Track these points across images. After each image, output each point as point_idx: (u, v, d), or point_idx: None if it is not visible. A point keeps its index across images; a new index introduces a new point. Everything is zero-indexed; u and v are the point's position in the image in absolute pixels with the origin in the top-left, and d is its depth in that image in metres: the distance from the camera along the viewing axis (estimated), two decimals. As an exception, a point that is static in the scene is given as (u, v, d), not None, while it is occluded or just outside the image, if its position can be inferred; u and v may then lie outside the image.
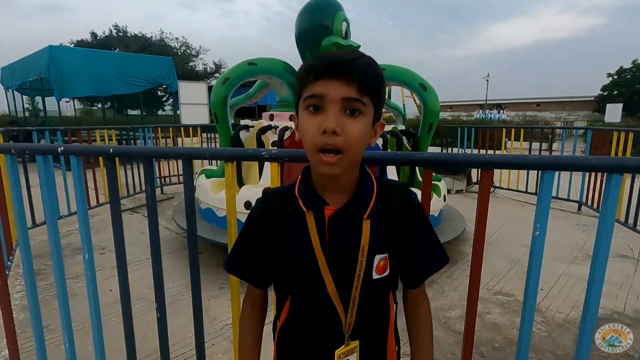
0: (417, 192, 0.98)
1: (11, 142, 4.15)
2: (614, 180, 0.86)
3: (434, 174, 1.12)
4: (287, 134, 3.21)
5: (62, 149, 1.24)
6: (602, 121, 17.53)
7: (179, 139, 6.55)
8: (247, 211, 1.10)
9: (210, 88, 6.01)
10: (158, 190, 5.79)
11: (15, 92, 11.42)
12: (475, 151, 6.57)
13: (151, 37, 29.51)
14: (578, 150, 5.58)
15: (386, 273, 0.74)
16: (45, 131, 4.68)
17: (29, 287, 1.41)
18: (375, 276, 0.72)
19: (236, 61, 3.47)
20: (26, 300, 1.54)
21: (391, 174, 3.35)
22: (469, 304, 1.06)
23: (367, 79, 0.62)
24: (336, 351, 0.73)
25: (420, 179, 3.46)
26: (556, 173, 0.96)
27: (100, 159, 4.31)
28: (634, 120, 21.42)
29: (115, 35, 28.34)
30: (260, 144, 3.31)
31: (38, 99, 10.93)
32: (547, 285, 2.77)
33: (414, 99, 8.59)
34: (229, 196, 1.24)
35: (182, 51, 30.78)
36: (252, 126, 3.69)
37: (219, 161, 4.92)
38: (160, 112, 20.72)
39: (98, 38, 27.88)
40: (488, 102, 34.60)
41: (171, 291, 2.59)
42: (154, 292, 1.26)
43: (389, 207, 0.73)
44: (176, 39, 31.42)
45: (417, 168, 3.48)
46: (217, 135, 3.86)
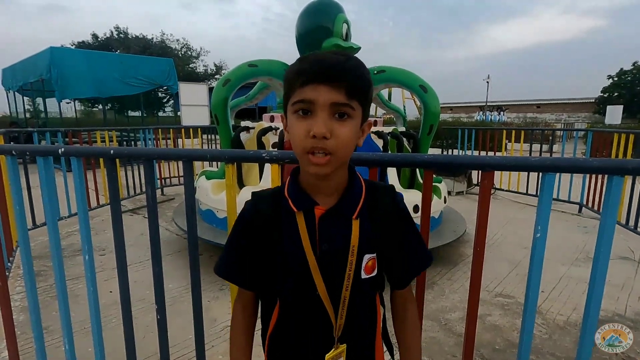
0: (418, 194, 0.98)
1: (12, 143, 4.15)
2: (615, 182, 0.86)
3: (434, 175, 1.12)
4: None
5: (62, 150, 1.24)
6: (602, 123, 17.52)
7: (179, 141, 6.56)
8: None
9: (210, 89, 6.01)
10: (158, 192, 5.79)
11: (16, 93, 11.44)
12: (476, 153, 6.57)
13: (152, 38, 29.58)
14: (578, 152, 5.57)
15: (374, 273, 0.75)
16: (46, 132, 4.69)
17: (29, 288, 1.41)
18: (363, 276, 0.73)
19: (237, 63, 3.48)
20: (26, 302, 1.54)
21: (392, 175, 3.35)
22: (469, 306, 1.06)
23: (356, 83, 0.63)
24: (327, 355, 0.73)
25: (421, 180, 3.46)
26: (557, 175, 0.96)
27: (101, 160, 4.31)
28: (634, 122, 21.43)
29: (116, 36, 28.41)
30: (261, 145, 3.31)
31: (39, 100, 10.96)
32: (548, 287, 2.76)
33: (414, 100, 8.59)
34: (229, 197, 1.24)
35: (182, 53, 30.85)
36: (253, 128, 3.69)
37: (219, 162, 4.92)
38: (160, 114, 20.73)
39: (99, 39, 27.95)
40: (488, 103, 34.62)
41: (171, 292, 2.59)
42: (154, 294, 1.26)
43: (376, 208, 0.75)
44: (177, 40, 31.53)
45: (417, 170, 3.48)
46: (217, 137, 3.86)
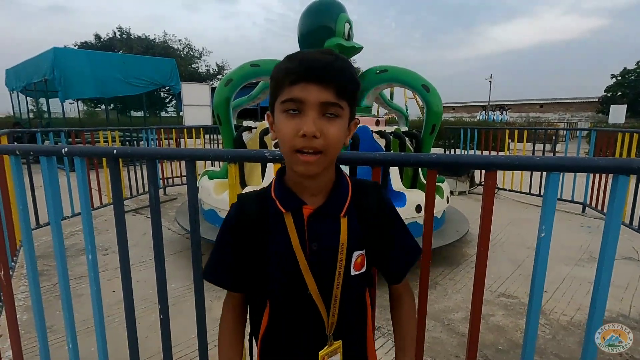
0: (421, 194, 0.98)
1: (15, 143, 4.17)
2: (621, 181, 0.85)
3: (437, 175, 1.12)
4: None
5: (66, 150, 1.24)
6: (605, 122, 17.44)
7: (181, 140, 6.57)
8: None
9: (213, 89, 6.02)
10: (161, 192, 5.80)
11: (19, 93, 11.49)
12: (478, 153, 6.55)
13: (154, 39, 29.64)
14: (582, 152, 5.55)
15: (363, 269, 0.76)
16: (49, 132, 4.71)
17: (33, 288, 1.42)
18: (353, 272, 0.74)
19: (239, 63, 3.48)
20: (30, 301, 1.54)
21: (394, 175, 3.34)
22: (473, 306, 1.06)
23: (345, 83, 0.63)
24: (319, 352, 0.73)
25: (424, 180, 3.45)
26: (560, 174, 0.95)
27: (104, 160, 4.33)
28: (638, 122, 21.29)
29: (119, 37, 28.48)
30: (263, 145, 3.31)
31: (42, 100, 10.99)
32: (552, 287, 2.75)
33: (416, 100, 8.57)
34: (232, 197, 1.24)
35: (185, 53, 30.90)
36: (255, 127, 3.69)
37: (221, 162, 4.92)
38: (163, 114, 20.77)
39: (102, 40, 28.03)
40: (491, 103, 34.50)
41: (174, 292, 2.60)
42: (157, 293, 1.26)
43: (363, 205, 0.75)
44: (179, 40, 31.57)
45: (420, 169, 3.47)
46: (219, 137, 3.87)
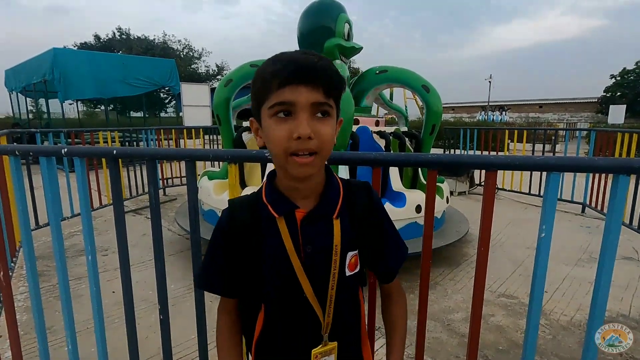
0: (421, 194, 0.98)
1: (15, 144, 4.16)
2: (621, 181, 0.85)
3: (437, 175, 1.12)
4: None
5: (65, 150, 1.24)
6: (605, 123, 17.47)
7: (181, 141, 6.57)
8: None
9: (212, 90, 6.03)
10: (161, 192, 5.79)
11: (19, 94, 11.48)
12: (478, 153, 6.55)
13: (154, 39, 29.65)
14: (581, 152, 5.55)
15: (357, 269, 0.76)
16: (49, 133, 4.71)
17: (32, 289, 1.41)
18: (348, 273, 0.74)
19: (238, 63, 3.48)
20: (29, 302, 1.54)
21: (394, 175, 3.34)
22: (473, 306, 1.05)
23: (331, 82, 0.63)
24: (313, 350, 0.73)
25: (424, 180, 3.45)
26: (560, 175, 0.95)
27: (103, 160, 4.33)
28: (637, 122, 21.31)
29: (119, 37, 28.49)
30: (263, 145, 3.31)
31: (42, 101, 10.99)
32: (552, 287, 2.75)
33: (415, 100, 8.58)
34: (232, 197, 1.23)
35: (184, 53, 30.90)
36: (255, 128, 3.69)
37: (221, 163, 4.92)
38: (163, 114, 20.79)
39: (101, 40, 28.03)
40: (490, 103, 34.53)
41: (174, 293, 2.59)
42: (157, 294, 1.26)
43: (354, 206, 0.76)
44: (179, 41, 31.58)
45: (419, 170, 3.47)
46: (219, 137, 3.87)
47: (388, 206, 2.85)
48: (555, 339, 2.14)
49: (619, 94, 29.12)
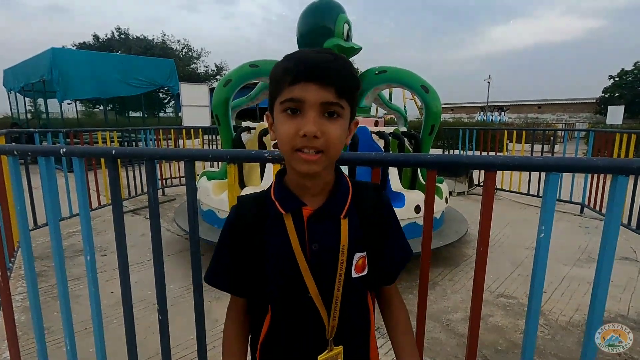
0: (420, 194, 0.98)
1: (13, 143, 4.15)
2: (620, 181, 0.85)
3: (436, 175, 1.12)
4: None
5: (64, 150, 1.24)
6: (603, 123, 17.51)
7: (180, 141, 6.57)
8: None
9: (211, 90, 6.03)
10: (159, 192, 5.79)
11: (17, 94, 11.46)
12: (477, 153, 6.56)
13: (153, 39, 29.67)
14: (580, 152, 5.56)
15: (365, 272, 0.75)
16: (48, 133, 4.69)
17: (31, 289, 1.41)
18: (354, 275, 0.73)
19: (238, 63, 3.48)
20: (27, 302, 1.54)
21: (393, 176, 3.34)
22: (473, 306, 1.05)
23: (345, 82, 0.63)
24: (319, 357, 0.72)
25: (423, 181, 3.46)
26: (560, 175, 0.95)
27: (102, 160, 4.32)
28: (635, 122, 21.38)
29: (118, 37, 28.48)
30: (262, 145, 3.31)
31: (40, 101, 10.98)
32: (550, 287, 2.75)
33: (415, 100, 8.58)
34: (231, 198, 1.23)
35: (183, 53, 30.92)
36: (254, 128, 3.69)
37: (220, 163, 4.91)
38: (162, 114, 20.76)
39: (100, 40, 28.03)
40: (489, 104, 34.58)
41: (173, 293, 2.59)
42: (156, 294, 1.26)
43: (363, 206, 0.75)
44: (178, 41, 31.63)
45: (419, 170, 3.47)
46: (218, 137, 3.87)
47: (387, 206, 2.84)
48: (554, 339, 2.14)
49: (617, 94, 29.22)
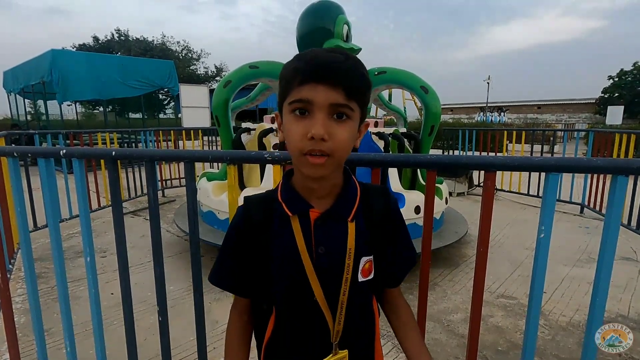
0: (420, 195, 0.98)
1: (13, 145, 4.16)
2: (620, 182, 0.86)
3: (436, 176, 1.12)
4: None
5: (64, 151, 1.24)
6: (603, 123, 17.52)
7: (180, 142, 6.57)
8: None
9: (211, 91, 6.02)
10: (159, 193, 5.79)
11: (17, 95, 11.46)
12: (477, 154, 6.56)
13: (153, 40, 29.66)
14: (580, 153, 5.57)
15: (371, 276, 0.74)
16: (47, 134, 4.70)
17: (30, 291, 1.41)
18: (360, 279, 0.72)
19: (237, 64, 3.48)
20: (27, 304, 1.53)
21: (393, 176, 3.34)
22: (473, 307, 1.05)
23: (355, 84, 0.61)
24: None
25: (423, 181, 3.46)
26: (560, 175, 0.95)
27: (102, 162, 4.32)
28: (635, 123, 21.40)
29: (117, 39, 28.48)
30: (262, 146, 3.31)
31: (40, 102, 10.96)
32: (551, 288, 2.75)
33: (414, 101, 8.59)
34: (231, 199, 1.23)
35: (183, 55, 30.92)
36: (254, 129, 3.69)
37: (220, 164, 4.91)
38: (161, 116, 20.78)
39: (100, 42, 28.03)
40: (489, 104, 34.59)
41: (173, 294, 2.59)
42: (156, 295, 1.26)
43: (371, 210, 0.74)
44: (177, 42, 31.60)
45: (418, 170, 3.47)
46: (218, 138, 3.87)
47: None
48: (554, 339, 2.14)
49: (616, 94, 29.24)
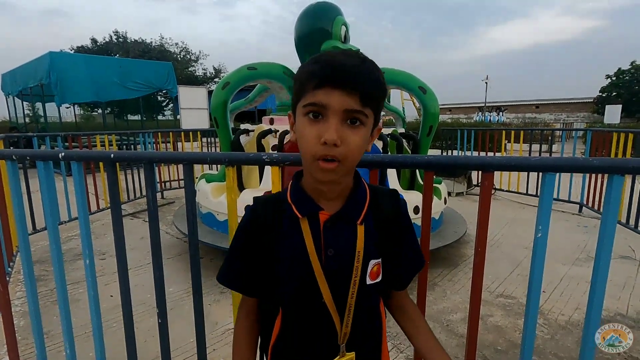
0: (419, 195, 0.98)
1: (12, 148, 4.15)
2: (616, 181, 0.86)
3: (434, 176, 1.12)
4: (287, 137, 3.22)
5: (63, 154, 1.24)
6: (601, 122, 17.55)
7: (179, 144, 6.56)
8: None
9: (210, 93, 6.04)
10: (158, 195, 5.78)
11: (15, 98, 11.45)
12: (475, 154, 6.57)
13: (151, 42, 29.68)
14: (578, 152, 5.59)
15: (379, 279, 0.74)
16: (46, 137, 4.70)
17: (30, 293, 1.41)
18: (369, 282, 0.72)
19: (236, 66, 3.49)
20: (27, 307, 1.53)
21: (392, 177, 3.35)
22: (471, 306, 1.06)
23: (371, 90, 0.60)
24: None
25: (421, 181, 3.46)
26: (557, 175, 0.96)
27: (101, 164, 4.31)
28: (633, 121, 21.47)
29: (115, 41, 28.49)
30: (261, 148, 3.31)
31: (38, 105, 10.95)
32: (549, 287, 2.76)
33: (413, 101, 8.61)
34: (230, 200, 1.24)
35: (181, 56, 30.93)
36: (253, 130, 3.70)
37: (219, 166, 4.91)
38: (160, 117, 20.77)
39: (98, 44, 28.03)
40: (487, 104, 34.66)
41: (172, 296, 2.58)
42: (155, 297, 1.26)
43: (380, 213, 0.74)
44: (176, 44, 31.65)
45: (417, 171, 3.48)
46: (217, 140, 3.87)
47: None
48: (553, 338, 2.15)
49: (614, 94, 29.33)
